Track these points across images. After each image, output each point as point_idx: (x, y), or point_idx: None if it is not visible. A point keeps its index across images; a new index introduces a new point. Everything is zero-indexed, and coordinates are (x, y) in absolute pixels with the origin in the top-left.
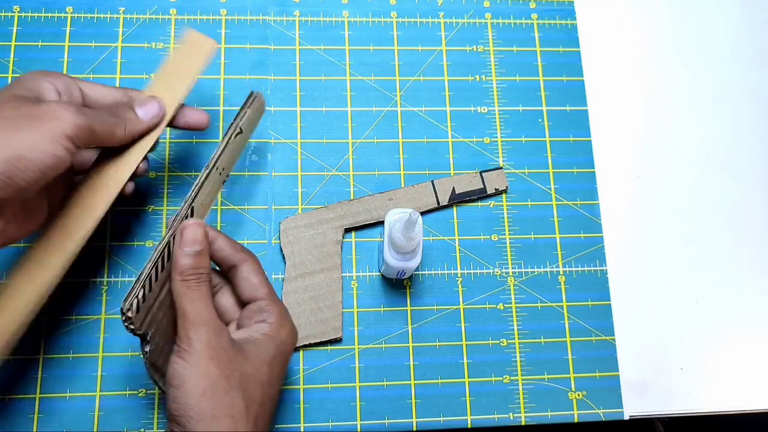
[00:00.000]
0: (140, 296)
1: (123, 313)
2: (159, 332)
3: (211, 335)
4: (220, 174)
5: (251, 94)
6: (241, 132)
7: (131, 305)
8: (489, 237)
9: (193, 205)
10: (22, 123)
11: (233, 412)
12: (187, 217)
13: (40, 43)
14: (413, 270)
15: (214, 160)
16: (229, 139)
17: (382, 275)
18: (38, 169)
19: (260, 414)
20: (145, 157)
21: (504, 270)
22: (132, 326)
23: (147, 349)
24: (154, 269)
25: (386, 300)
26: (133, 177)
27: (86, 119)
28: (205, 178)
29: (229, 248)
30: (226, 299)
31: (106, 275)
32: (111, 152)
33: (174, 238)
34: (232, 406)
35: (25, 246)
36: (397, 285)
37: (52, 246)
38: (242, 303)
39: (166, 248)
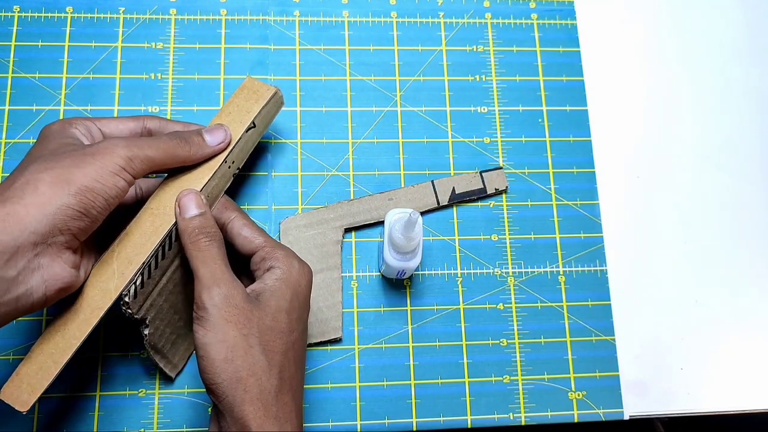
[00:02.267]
0: (138, 283)
1: (120, 298)
2: (159, 316)
3: (225, 295)
4: (230, 167)
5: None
6: (254, 126)
7: (128, 291)
8: (489, 237)
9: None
10: (82, 160)
11: (255, 370)
12: None
13: (40, 43)
14: (413, 270)
15: (225, 154)
16: (241, 134)
17: (382, 275)
18: (104, 199)
19: (284, 364)
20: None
21: (504, 270)
22: (129, 310)
23: (146, 332)
24: (153, 257)
25: (386, 300)
26: None
27: (138, 150)
28: (214, 173)
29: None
30: None
31: None
32: (171, 183)
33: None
34: (254, 363)
35: None
36: (397, 285)
37: (110, 272)
38: (245, 258)
39: (168, 238)
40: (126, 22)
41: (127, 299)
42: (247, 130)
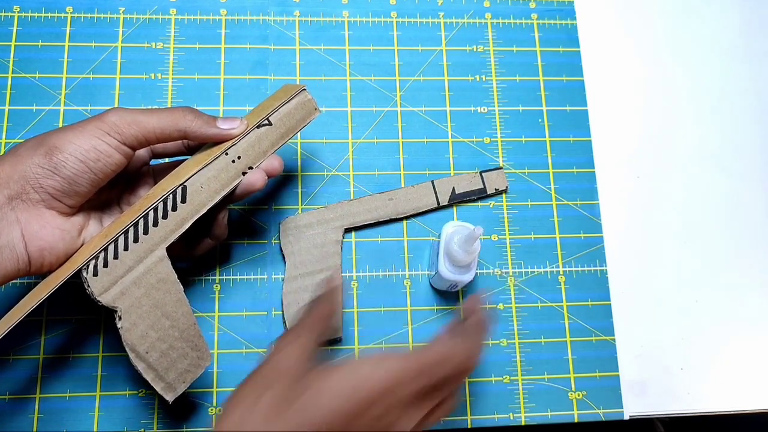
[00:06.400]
0: (101, 259)
1: (80, 273)
2: (137, 312)
3: None
4: (233, 161)
5: (299, 90)
6: (269, 124)
7: (87, 265)
8: (489, 237)
9: (186, 184)
10: (69, 127)
11: None
12: (176, 195)
13: (40, 43)
14: (466, 283)
15: (226, 145)
16: (249, 128)
17: (432, 286)
18: (78, 159)
19: None
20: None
21: (504, 270)
22: (89, 289)
23: (119, 324)
24: (123, 236)
25: (386, 300)
26: (268, 175)
27: (127, 114)
28: (210, 163)
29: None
30: None
31: None
32: (176, 168)
33: (157, 210)
34: None
35: None
36: (397, 285)
37: (93, 245)
38: None
39: (143, 219)
40: (126, 22)
41: (85, 274)
42: (259, 126)
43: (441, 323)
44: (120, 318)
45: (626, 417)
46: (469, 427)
